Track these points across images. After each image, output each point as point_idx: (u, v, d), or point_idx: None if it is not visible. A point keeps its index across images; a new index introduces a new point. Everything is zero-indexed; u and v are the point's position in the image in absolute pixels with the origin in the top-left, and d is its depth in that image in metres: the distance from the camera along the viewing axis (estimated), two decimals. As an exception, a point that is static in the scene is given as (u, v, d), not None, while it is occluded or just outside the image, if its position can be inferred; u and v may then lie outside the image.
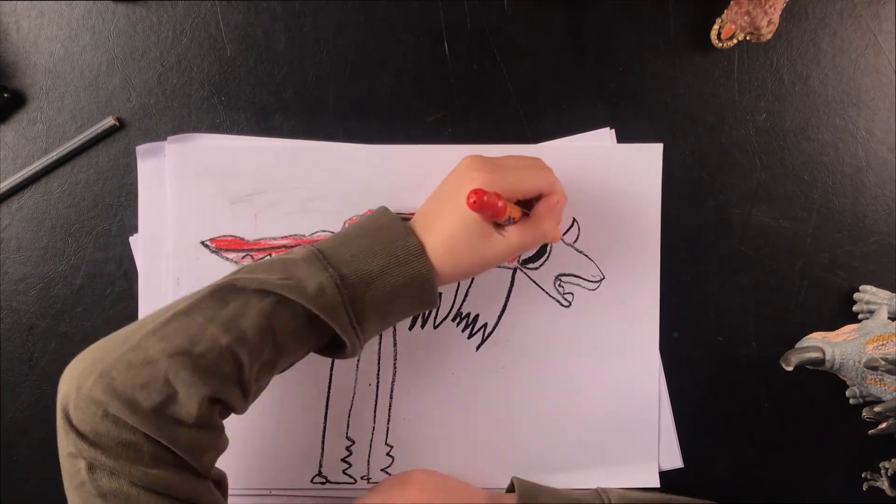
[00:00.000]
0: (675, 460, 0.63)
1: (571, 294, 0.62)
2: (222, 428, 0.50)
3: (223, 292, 0.48)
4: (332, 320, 0.49)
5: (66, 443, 0.46)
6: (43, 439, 0.62)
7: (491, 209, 0.48)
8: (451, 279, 0.54)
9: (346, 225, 0.61)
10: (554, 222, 0.54)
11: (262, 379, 0.50)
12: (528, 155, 0.56)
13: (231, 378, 0.47)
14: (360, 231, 0.53)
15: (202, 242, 0.61)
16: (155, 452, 0.46)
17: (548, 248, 0.62)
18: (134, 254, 0.61)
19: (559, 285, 0.62)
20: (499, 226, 0.53)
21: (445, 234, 0.52)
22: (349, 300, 0.50)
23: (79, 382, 0.46)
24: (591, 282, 0.62)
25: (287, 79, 0.60)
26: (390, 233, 0.52)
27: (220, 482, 0.52)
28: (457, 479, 0.59)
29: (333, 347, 0.53)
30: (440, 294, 0.54)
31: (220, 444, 0.50)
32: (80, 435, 0.45)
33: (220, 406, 0.48)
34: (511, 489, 0.58)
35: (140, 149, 0.60)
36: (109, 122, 0.59)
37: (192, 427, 0.46)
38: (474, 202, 0.47)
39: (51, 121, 0.60)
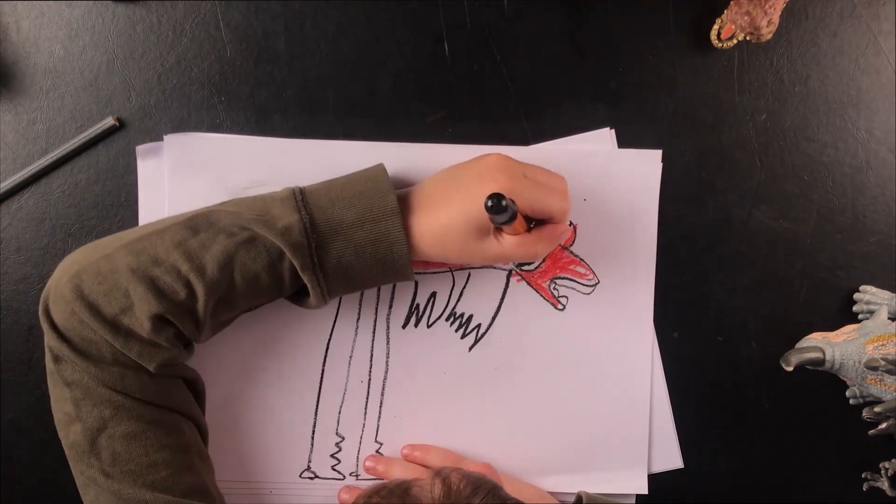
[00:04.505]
0: (674, 460, 0.63)
1: (566, 297, 0.62)
2: (179, 347, 0.52)
3: (197, 221, 0.51)
4: (294, 258, 0.50)
5: (44, 332, 0.51)
6: (43, 439, 0.61)
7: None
8: (432, 260, 0.54)
9: None
10: (550, 248, 0.54)
11: (221, 314, 0.52)
12: (551, 170, 0.55)
13: (184, 305, 0.50)
14: (349, 180, 0.54)
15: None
16: (114, 353, 0.50)
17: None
18: (134, 254, 0.61)
19: (554, 288, 0.62)
20: (497, 229, 0.53)
21: (443, 220, 0.52)
22: (315, 245, 0.50)
23: (58, 279, 0.51)
24: (586, 286, 0.62)
25: (287, 79, 0.60)
26: (373, 187, 0.52)
27: (193, 382, 0.55)
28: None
29: (302, 296, 0.54)
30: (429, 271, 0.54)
31: (177, 359, 0.52)
32: (53, 326, 0.50)
33: (175, 329, 0.51)
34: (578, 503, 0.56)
35: (140, 149, 0.60)
36: (109, 122, 0.59)
37: (146, 340, 0.50)
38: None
39: (51, 121, 0.60)
